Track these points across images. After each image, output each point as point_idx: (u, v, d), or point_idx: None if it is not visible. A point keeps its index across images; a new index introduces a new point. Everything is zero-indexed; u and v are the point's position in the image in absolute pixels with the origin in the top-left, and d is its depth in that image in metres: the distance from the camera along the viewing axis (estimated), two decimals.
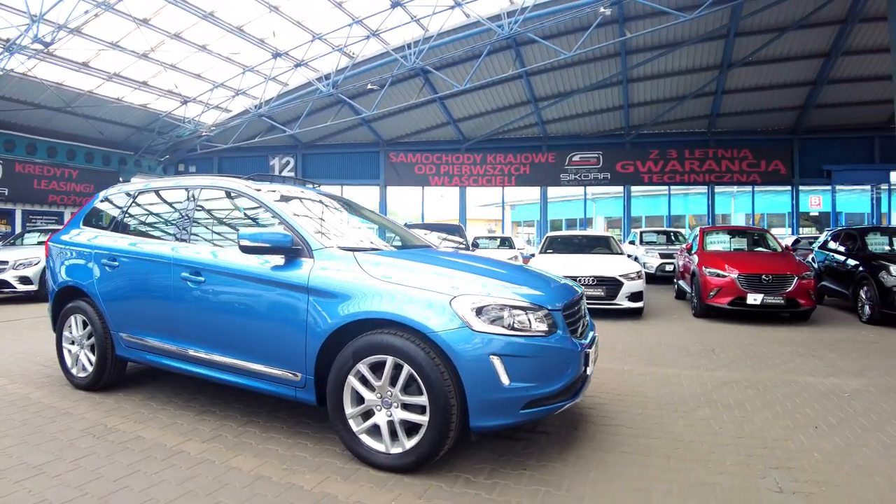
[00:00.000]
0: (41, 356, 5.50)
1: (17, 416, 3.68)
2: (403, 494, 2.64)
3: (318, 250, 3.21)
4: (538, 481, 2.84)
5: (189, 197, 4.02)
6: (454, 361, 2.71)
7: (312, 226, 3.47)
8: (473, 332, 2.73)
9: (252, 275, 3.35)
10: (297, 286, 3.14)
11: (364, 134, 22.31)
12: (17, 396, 4.12)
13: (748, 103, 19.62)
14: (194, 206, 3.95)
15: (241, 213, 3.85)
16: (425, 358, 2.73)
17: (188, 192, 4.04)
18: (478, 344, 2.71)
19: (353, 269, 3.07)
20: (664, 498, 2.71)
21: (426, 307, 2.81)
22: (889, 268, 8.07)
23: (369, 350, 2.87)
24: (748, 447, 3.39)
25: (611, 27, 15.47)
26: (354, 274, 3.03)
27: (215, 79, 17.63)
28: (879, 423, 3.85)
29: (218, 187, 3.97)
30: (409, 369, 2.78)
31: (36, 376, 4.72)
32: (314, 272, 3.12)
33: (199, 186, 4.02)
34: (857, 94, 18.33)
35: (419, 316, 2.79)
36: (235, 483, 2.75)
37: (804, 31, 15.50)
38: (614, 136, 22.15)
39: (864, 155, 20.12)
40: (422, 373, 2.73)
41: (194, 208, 3.95)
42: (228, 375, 3.50)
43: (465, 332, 2.73)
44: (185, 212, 3.96)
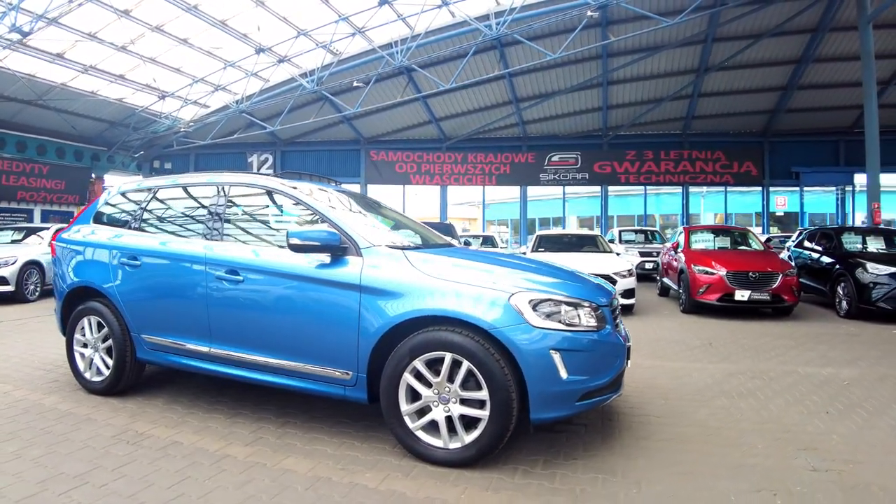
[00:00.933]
0: (37, 360, 5.28)
1: (37, 423, 3.52)
2: (469, 488, 2.70)
3: (367, 248, 3.21)
4: (592, 469, 2.96)
5: (219, 194, 3.91)
6: (516, 357, 2.80)
7: (354, 224, 3.45)
8: (533, 328, 2.83)
9: (298, 274, 3.30)
10: (349, 284, 3.13)
11: (345, 131, 22.20)
12: (28, 403, 3.94)
13: (722, 106, 20.24)
14: (225, 204, 3.85)
15: (276, 211, 3.82)
16: (486, 354, 2.79)
17: (218, 189, 3.93)
18: (538, 339, 2.81)
19: (405, 267, 3.10)
20: (714, 480, 2.87)
21: (486, 304, 2.88)
22: (865, 265, 8.49)
23: (427, 347, 2.90)
24: (771, 432, 3.58)
25: (594, 30, 15.77)
26: (407, 272, 3.06)
27: (195, 73, 17.32)
28: (882, 408, 4.11)
29: (251, 185, 3.88)
30: (468, 365, 2.83)
31: (40, 381, 4.53)
32: (366, 270, 3.12)
33: (228, 183, 3.91)
34: (825, 100, 19.11)
35: (480, 313, 2.86)
36: (296, 486, 2.72)
37: (778, 38, 16.09)
38: (592, 136, 22.55)
39: (830, 157, 20.97)
40: (483, 368, 2.80)
41: (225, 206, 3.85)
42: (269, 376, 3.43)
43: (527, 328, 2.82)
44: (215, 210, 3.85)
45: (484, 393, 2.82)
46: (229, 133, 20.49)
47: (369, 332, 3.05)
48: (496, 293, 2.92)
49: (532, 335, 2.81)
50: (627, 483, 2.80)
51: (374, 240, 3.31)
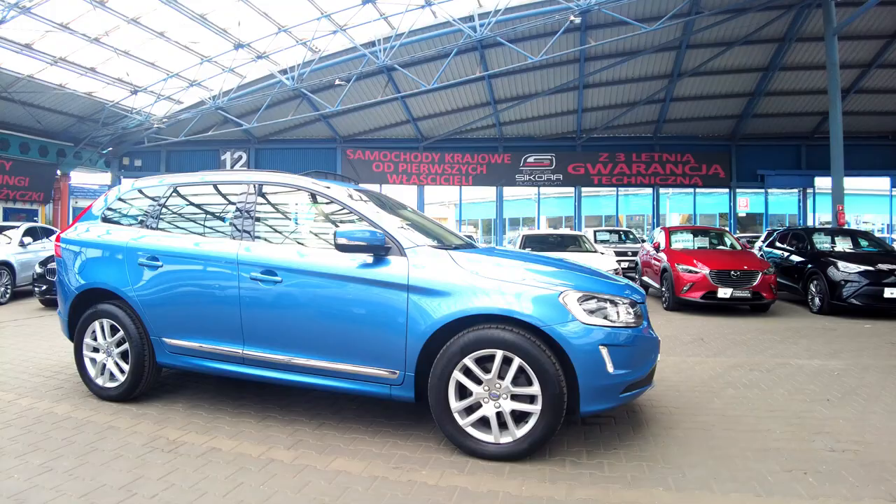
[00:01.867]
0: (32, 366, 5.07)
1: (56, 433, 3.37)
2: (527, 481, 2.78)
3: (410, 249, 3.24)
4: (634, 457, 3.10)
5: (248, 193, 3.81)
6: (568, 353, 2.91)
7: (392, 224, 3.44)
8: (583, 325, 2.95)
9: (341, 274, 3.29)
10: (397, 284, 3.15)
11: (321, 130, 22.02)
12: (39, 412, 3.75)
13: (693, 111, 20.90)
14: (255, 203, 3.76)
15: (310, 211, 3.80)
16: (539, 350, 2.89)
17: (247, 188, 3.83)
18: (588, 335, 2.94)
19: (451, 266, 3.15)
20: (746, 462, 3.05)
21: (537, 302, 2.98)
22: (837, 264, 8.96)
23: (478, 345, 2.96)
24: (784, 418, 3.81)
25: (573, 34, 16.08)
26: (454, 271, 3.12)
27: (170, 68, 16.91)
28: (874, 395, 4.40)
29: (283, 184, 3.82)
30: (519, 361, 2.92)
31: (43, 389, 4.33)
32: (413, 270, 3.15)
33: (258, 182, 3.83)
34: (789, 106, 19.94)
35: (533, 311, 2.95)
36: (356, 486, 2.72)
37: (747, 46, 16.72)
38: (566, 138, 22.95)
39: (793, 161, 21.89)
40: (535, 365, 2.89)
41: (255, 205, 3.76)
42: (307, 378, 3.41)
43: (577, 325, 2.94)
44: (246, 209, 3.75)
45: (535, 388, 2.91)
46: (203, 130, 20.06)
47: (418, 331, 3.08)
48: (546, 291, 3.02)
49: (582, 331, 2.93)
50: (671, 468, 2.96)
51: (416, 240, 3.35)
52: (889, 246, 10.60)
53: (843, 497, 2.69)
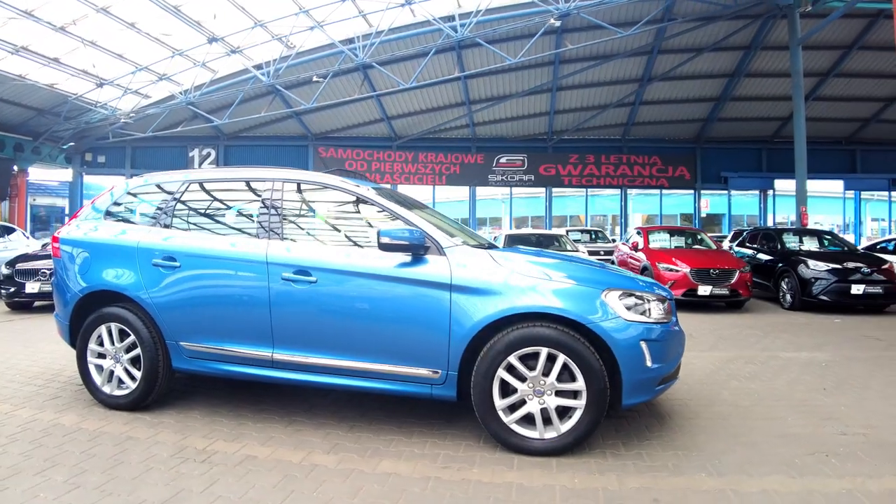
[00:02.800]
0: (19, 374, 4.73)
1: (72, 447, 3.15)
2: (577, 473, 2.84)
3: (449, 248, 3.24)
4: (669, 447, 3.22)
5: (274, 190, 3.68)
6: (612, 348, 2.99)
7: (427, 223, 3.40)
8: (625, 321, 3.04)
9: (381, 274, 3.25)
10: (439, 283, 3.14)
11: (292, 127, 21.72)
12: (44, 424, 3.51)
13: (661, 114, 21.51)
14: (282, 202, 3.65)
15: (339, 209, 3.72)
16: (584, 347, 2.96)
17: (272, 186, 3.70)
18: (630, 332, 3.03)
19: (492, 265, 3.18)
20: (772, 447, 3.22)
21: (580, 300, 3.06)
22: (807, 262, 9.40)
23: (523, 343, 3.00)
24: (791, 407, 4.01)
25: (550, 37, 16.34)
26: (495, 270, 3.15)
27: (139, 61, 16.38)
28: (865, 383, 4.68)
29: (312, 182, 3.76)
30: (564, 358, 2.98)
31: (40, 398, 4.04)
32: (455, 270, 3.15)
33: (284, 179, 3.72)
34: (752, 111, 20.77)
35: (578, 309, 3.02)
36: (411, 488, 2.70)
37: (716, 52, 17.35)
38: (538, 140, 23.30)
39: (754, 164, 22.81)
40: (580, 361, 2.95)
41: (282, 204, 3.65)
42: (343, 380, 3.35)
43: (620, 321, 3.03)
44: (273, 207, 3.62)
45: (579, 384, 2.98)
46: (171, 126, 19.52)
47: (462, 330, 3.09)
48: (588, 289, 3.11)
49: (625, 327, 3.03)
50: (706, 455, 3.10)
51: (452, 239, 3.36)
52: (852, 245, 11.18)
53: (867, 475, 2.87)
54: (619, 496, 2.61)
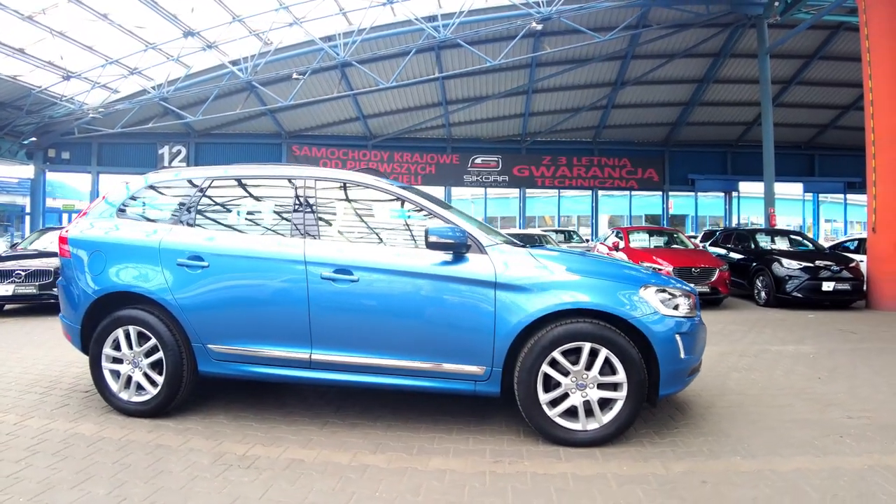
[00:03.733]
0: (14, 381, 4.48)
1: (101, 457, 2.98)
2: (623, 461, 2.95)
3: (490, 246, 3.29)
4: (699, 434, 3.38)
5: (307, 188, 3.63)
6: (652, 342, 3.12)
7: (465, 222, 3.43)
8: (662, 316, 3.18)
9: (424, 272, 3.26)
10: (484, 281, 3.18)
11: (266, 124, 21.42)
12: (62, 434, 3.31)
13: (631, 118, 22.10)
14: (316, 200, 3.60)
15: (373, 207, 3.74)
16: (625, 341, 3.09)
17: (303, 184, 3.65)
18: (666, 326, 3.17)
19: (532, 263, 3.26)
20: (790, 431, 3.43)
21: (620, 296, 3.18)
22: (781, 261, 9.86)
23: (566, 338, 3.09)
24: (794, 395, 4.25)
25: (528, 40, 16.60)
26: (536, 268, 3.23)
27: (110, 53, 15.90)
28: (852, 373, 4.99)
29: (345, 180, 3.73)
30: (606, 352, 3.08)
31: (46, 406, 3.82)
32: (499, 268, 3.21)
33: (314, 178, 3.67)
34: (718, 116, 21.55)
35: (620, 305, 3.14)
36: (472, 483, 2.72)
37: (686, 59, 17.95)
38: (512, 141, 23.61)
39: (720, 166, 23.67)
40: (622, 354, 3.07)
41: (316, 202, 3.59)
42: (386, 379, 3.34)
43: (657, 316, 3.17)
44: (307, 206, 3.57)
45: (620, 376, 3.09)
46: (141, 122, 19.00)
47: (508, 326, 3.14)
48: (626, 286, 3.24)
49: (662, 322, 3.17)
50: (734, 440, 3.27)
51: (491, 237, 3.42)
52: (820, 245, 11.76)
53: (881, 452, 3.11)
54: (670, 480, 2.75)
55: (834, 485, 2.72)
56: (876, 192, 9.56)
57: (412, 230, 3.58)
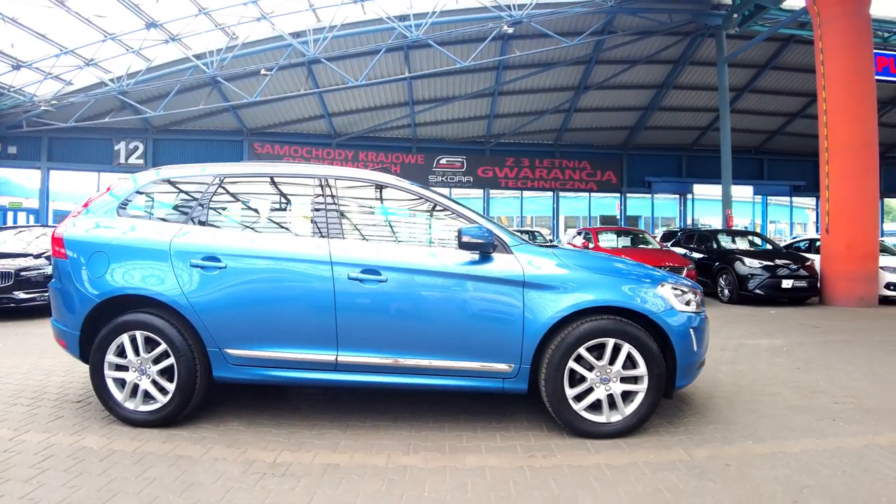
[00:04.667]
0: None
1: (119, 472, 2.81)
2: (649, 450, 3.10)
3: (516, 246, 3.37)
4: (708, 422, 3.59)
5: (326, 188, 3.57)
6: (671, 337, 3.29)
7: (489, 222, 3.48)
8: (678, 312, 3.35)
9: (455, 272, 3.30)
10: (513, 281, 3.26)
11: (227, 121, 20.89)
12: (67, 448, 3.10)
13: (592, 121, 22.70)
14: (337, 200, 3.55)
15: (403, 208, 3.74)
16: (647, 337, 3.24)
17: (323, 183, 3.59)
18: (682, 321, 3.34)
19: (558, 262, 3.36)
20: (788, 417, 3.69)
21: (642, 294, 3.33)
22: (743, 260, 10.38)
23: (591, 335, 3.21)
24: (782, 384, 4.53)
25: (496, 43, 16.83)
26: (562, 267, 3.33)
27: (66, 43, 15.20)
28: (826, 363, 5.35)
29: (365, 180, 3.71)
30: (628, 347, 3.22)
31: (39, 419, 3.55)
32: (527, 267, 3.29)
33: (335, 177, 3.62)
34: (675, 121, 22.40)
35: (642, 302, 3.29)
36: (514, 477, 2.79)
37: (648, 65, 18.58)
38: (476, 142, 23.86)
39: (675, 169, 24.58)
40: (643, 349, 3.22)
41: (337, 202, 3.55)
42: (413, 379, 3.36)
43: (674, 311, 3.34)
44: (329, 206, 3.52)
45: (641, 370, 3.25)
46: (96, 116, 18.20)
47: (536, 324, 3.23)
48: (646, 284, 3.39)
49: (678, 318, 3.34)
50: (741, 427, 3.50)
51: (514, 237, 3.50)
52: (777, 244, 12.43)
53: (873, 433, 3.41)
54: (696, 465, 2.92)
55: (840, 463, 2.96)
56: (829, 197, 10.19)
57: (436, 230, 3.64)
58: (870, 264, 9.91)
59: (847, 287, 9.78)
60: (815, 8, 10.30)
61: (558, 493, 2.61)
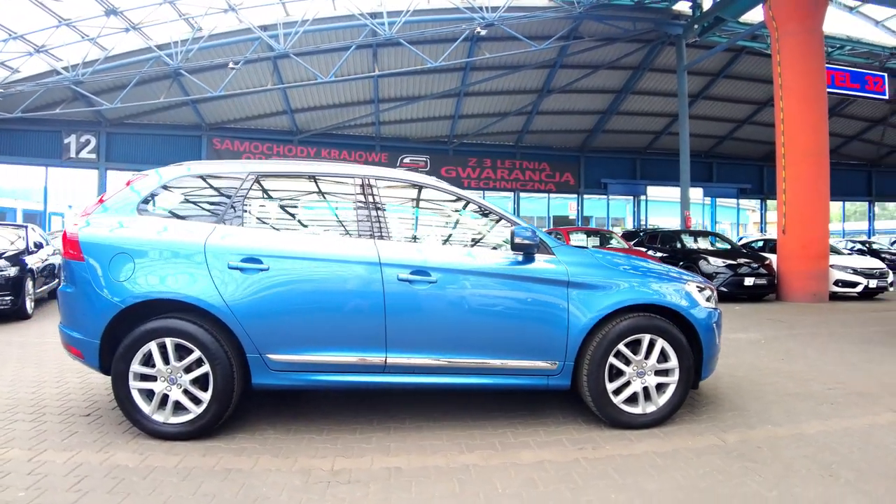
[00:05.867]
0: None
1: (170, 490, 2.63)
2: (683, 437, 3.32)
3: (557, 247, 3.52)
4: (727, 410, 3.85)
5: (368, 188, 3.56)
6: (699, 331, 3.53)
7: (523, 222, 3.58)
8: (704, 308, 3.62)
9: (503, 272, 3.40)
10: (558, 280, 3.40)
11: (186, 115, 20.19)
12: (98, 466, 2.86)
13: (552, 124, 23.23)
14: (378, 201, 3.54)
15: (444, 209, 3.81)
16: (678, 332, 3.46)
17: (364, 183, 3.58)
18: (707, 316, 3.60)
19: (597, 262, 3.57)
20: (792, 403, 4.02)
21: (675, 292, 3.56)
22: (708, 259, 10.98)
23: (630, 331, 3.40)
24: (773, 373, 4.90)
25: (465, 44, 17.01)
26: (601, 267, 3.53)
27: (13, 27, 14.34)
28: (802, 353, 5.82)
29: (407, 181, 3.76)
30: (661, 342, 3.44)
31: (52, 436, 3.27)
32: (570, 267, 3.45)
33: (376, 177, 3.62)
34: (631, 125, 23.24)
35: (676, 300, 3.52)
36: (576, 469, 2.89)
37: (609, 70, 19.21)
38: (440, 142, 23.97)
39: (629, 172, 25.50)
40: (675, 344, 3.44)
41: (381, 203, 3.54)
42: (460, 378, 3.41)
43: (702, 308, 3.59)
44: (372, 206, 3.50)
45: (672, 363, 3.46)
46: (45, 107, 17.21)
47: (581, 322, 3.37)
48: (676, 282, 3.63)
49: (703, 313, 3.60)
50: (755, 413, 3.79)
51: (552, 238, 3.64)
52: (736, 244, 13.17)
53: (871, 413, 3.80)
54: (732, 448, 3.17)
55: (853, 441, 3.28)
56: (786, 200, 10.90)
57: (477, 231, 3.74)
58: (822, 263, 10.68)
59: (802, 284, 10.50)
60: (773, 24, 11.00)
61: (621, 481, 2.76)
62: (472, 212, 3.78)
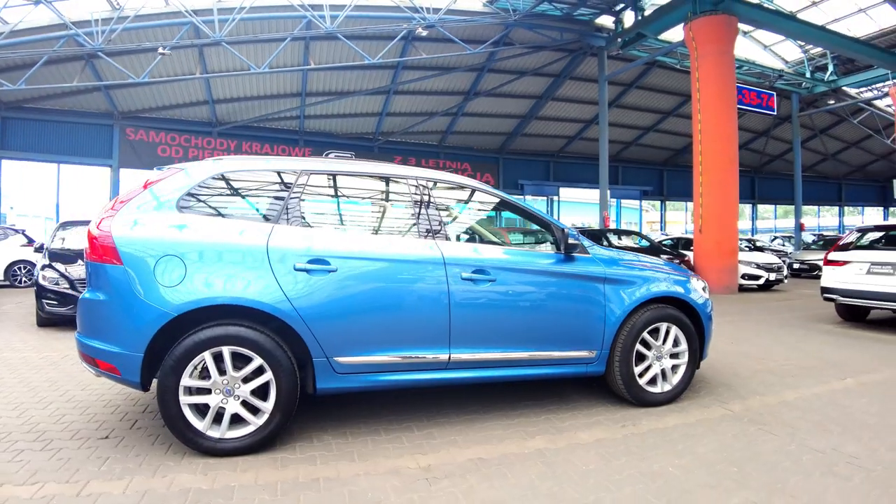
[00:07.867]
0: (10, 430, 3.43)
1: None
2: (700, 411, 3.87)
3: (591, 247, 3.95)
4: (714, 387, 4.51)
5: (423, 189, 3.69)
6: (703, 319, 4.18)
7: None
8: (704, 299, 4.27)
9: (552, 270, 3.75)
10: (597, 277, 3.83)
11: (97, 101, 18.60)
12: (175, 493, 2.64)
13: (475, 125, 23.97)
14: (434, 202, 3.69)
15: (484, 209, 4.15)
16: (688, 320, 4.08)
17: (422, 184, 3.71)
18: (706, 306, 4.27)
19: (623, 260, 4.03)
20: (765, 376, 4.80)
21: (685, 286, 4.16)
22: None
23: (653, 321, 3.93)
24: (734, 355, 5.71)
25: (399, 43, 17.19)
26: (627, 265, 4.00)
27: None
28: (742, 337, 6.72)
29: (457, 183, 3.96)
30: (676, 329, 4.03)
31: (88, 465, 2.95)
32: (605, 265, 3.89)
33: (428, 178, 3.77)
34: (547, 129, 24.55)
35: (687, 292, 4.13)
36: (632, 446, 3.21)
37: (533, 77, 20.21)
38: (365, 139, 23.89)
39: (544, 174, 26.89)
40: (685, 330, 4.05)
41: (435, 204, 3.69)
42: (513, 371, 3.65)
43: (703, 299, 4.25)
44: (430, 207, 3.65)
45: (682, 347, 4.07)
46: None
47: (615, 314, 3.84)
48: (685, 277, 4.24)
49: (706, 305, 4.27)
50: (740, 387, 4.49)
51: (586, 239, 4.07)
52: (656, 242, 14.48)
53: (824, 382, 4.62)
54: (742, 416, 3.80)
55: (822, 403, 4.06)
56: (703, 202, 12.23)
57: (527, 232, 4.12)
58: (733, 259, 12.12)
59: (716, 278, 11.85)
60: (693, 44, 12.29)
61: (674, 448, 3.25)
62: (517, 213, 4.14)
